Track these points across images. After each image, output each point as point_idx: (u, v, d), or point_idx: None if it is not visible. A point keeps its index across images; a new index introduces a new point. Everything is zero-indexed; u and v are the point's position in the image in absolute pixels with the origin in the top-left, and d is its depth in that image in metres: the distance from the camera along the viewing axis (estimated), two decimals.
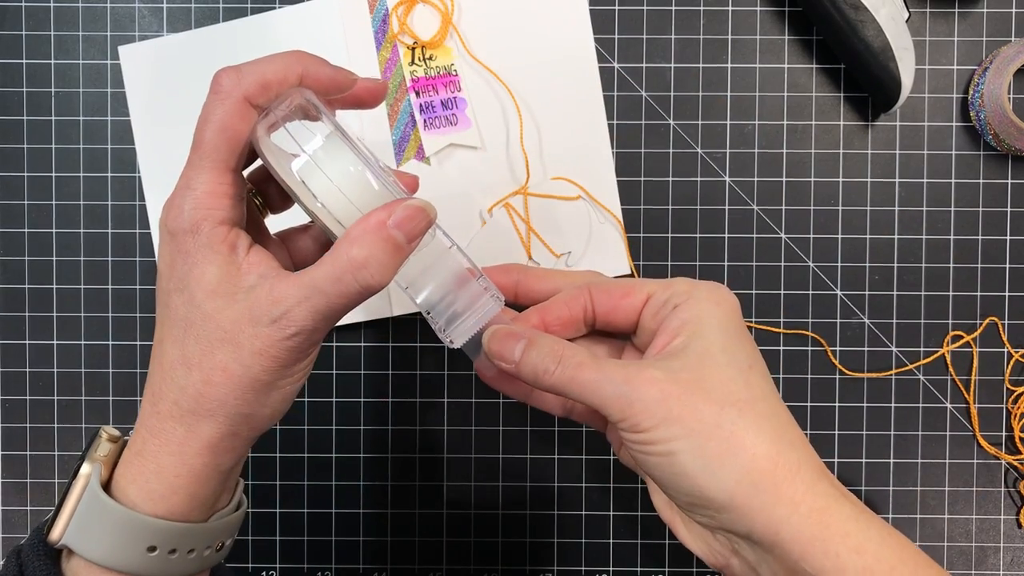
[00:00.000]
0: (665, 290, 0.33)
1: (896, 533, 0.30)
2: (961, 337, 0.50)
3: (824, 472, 0.31)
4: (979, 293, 0.50)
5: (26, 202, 0.51)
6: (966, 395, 0.50)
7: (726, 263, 0.50)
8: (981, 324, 0.50)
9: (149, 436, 0.31)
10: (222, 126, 0.31)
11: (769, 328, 0.50)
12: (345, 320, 0.50)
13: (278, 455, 0.51)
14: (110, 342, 0.51)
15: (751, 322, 0.50)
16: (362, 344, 0.51)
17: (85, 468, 0.31)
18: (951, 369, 0.50)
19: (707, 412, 0.30)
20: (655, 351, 0.33)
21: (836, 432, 0.50)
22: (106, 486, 0.31)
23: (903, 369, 0.50)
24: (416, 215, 0.30)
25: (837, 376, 0.50)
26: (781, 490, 0.30)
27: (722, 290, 0.33)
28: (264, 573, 0.51)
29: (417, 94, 0.50)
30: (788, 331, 0.50)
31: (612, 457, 0.50)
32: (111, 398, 0.51)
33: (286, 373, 0.31)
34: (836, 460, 0.50)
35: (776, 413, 0.31)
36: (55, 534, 0.30)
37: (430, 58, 0.50)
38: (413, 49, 0.50)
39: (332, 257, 0.29)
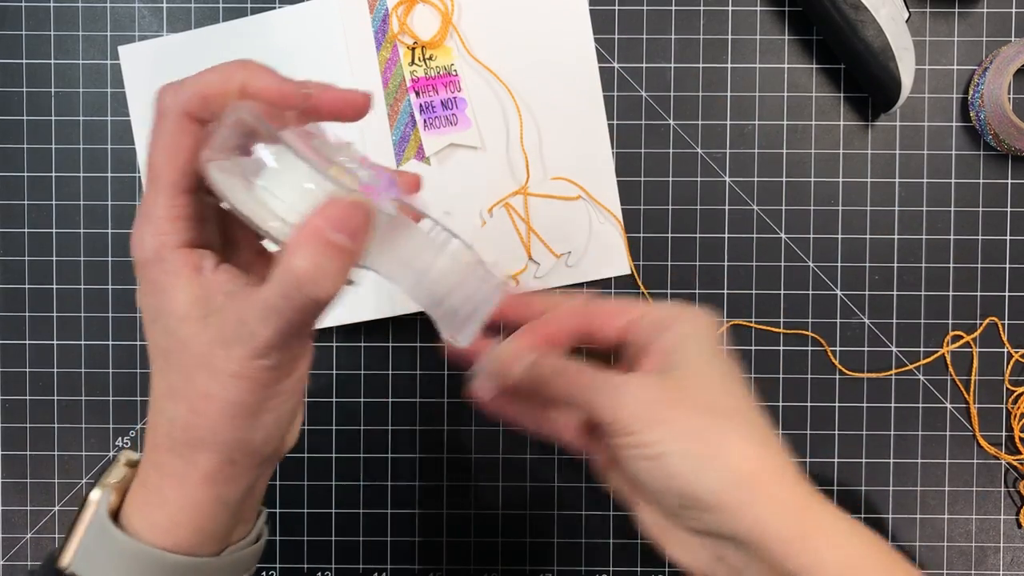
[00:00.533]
0: (650, 313, 0.35)
1: (867, 530, 0.32)
2: (961, 337, 0.50)
3: (801, 477, 0.32)
4: (979, 293, 0.50)
5: (26, 202, 0.51)
6: (966, 395, 0.50)
7: (726, 263, 0.50)
8: (981, 324, 0.50)
9: (151, 469, 0.30)
10: (166, 146, 0.29)
11: (769, 328, 0.50)
12: (345, 320, 0.50)
13: None
14: (110, 342, 0.51)
15: (751, 322, 0.50)
16: (362, 344, 0.51)
17: (94, 494, 0.30)
18: (951, 369, 0.50)
19: (694, 416, 0.31)
20: (645, 370, 0.34)
21: (836, 432, 0.50)
22: (117, 512, 0.30)
23: (903, 369, 0.50)
24: (349, 210, 0.28)
25: (837, 376, 0.50)
26: (767, 490, 0.30)
27: (703, 314, 0.35)
28: (264, 573, 0.51)
29: (417, 94, 0.50)
30: (788, 331, 0.50)
31: None
32: (111, 398, 0.51)
33: (271, 393, 0.30)
34: (836, 460, 0.50)
35: (758, 421, 0.33)
36: (64, 560, 0.29)
37: (430, 58, 0.50)
38: (413, 49, 0.50)
39: (278, 272, 0.28)
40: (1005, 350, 0.50)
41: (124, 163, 0.50)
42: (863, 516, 0.50)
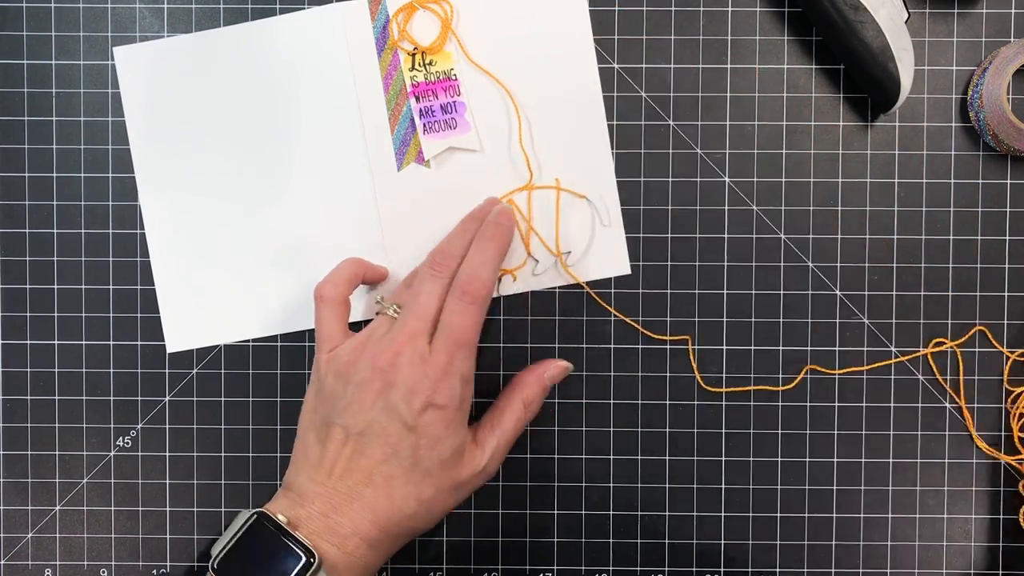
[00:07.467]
0: None
1: None
2: (957, 340, 0.50)
3: None
4: (978, 293, 0.50)
5: (27, 202, 0.51)
6: (956, 397, 0.50)
7: (726, 263, 0.50)
8: (977, 325, 0.50)
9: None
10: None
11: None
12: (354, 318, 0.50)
13: (279, 455, 0.51)
14: (111, 342, 0.51)
15: (751, 321, 0.50)
16: None
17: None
18: (935, 370, 0.50)
19: None
20: None
21: (835, 432, 0.50)
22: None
23: (902, 369, 0.50)
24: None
25: (836, 376, 0.50)
26: None
27: None
28: None
29: (417, 99, 0.50)
30: (786, 331, 0.50)
31: (612, 457, 0.51)
32: (112, 398, 0.51)
33: None
34: (835, 460, 0.50)
35: None
36: None
37: (430, 63, 0.50)
38: (413, 55, 0.50)
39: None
40: (1005, 350, 0.50)
41: (125, 163, 0.51)
42: (863, 516, 0.50)
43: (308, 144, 0.50)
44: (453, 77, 0.50)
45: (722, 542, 0.51)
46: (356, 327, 0.48)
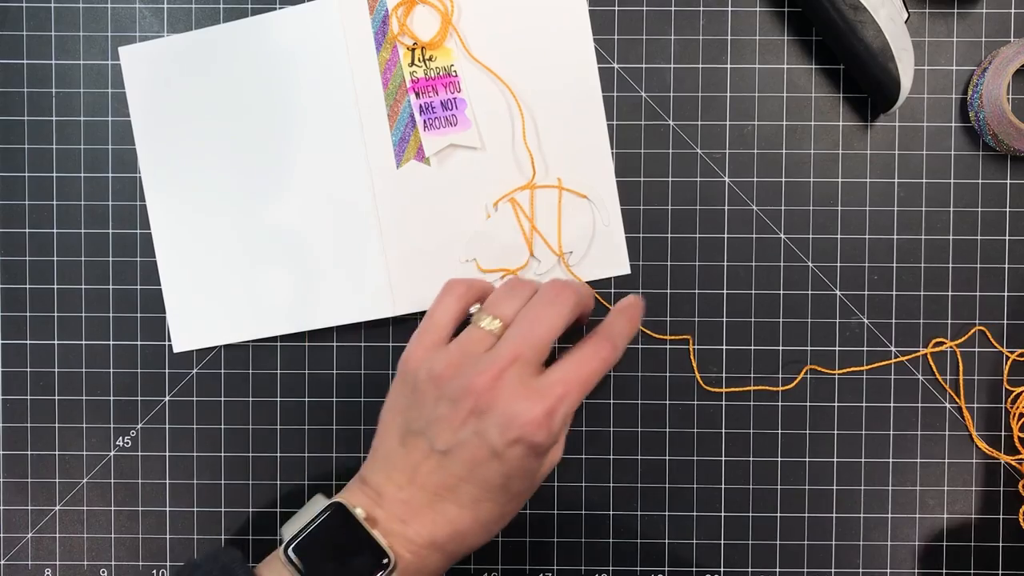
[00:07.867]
0: None
1: None
2: (957, 340, 0.50)
3: None
4: (978, 293, 0.50)
5: (27, 202, 0.51)
6: (956, 397, 0.50)
7: (726, 263, 0.50)
8: (976, 326, 0.50)
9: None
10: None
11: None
12: (345, 320, 0.50)
13: (279, 455, 0.51)
14: (111, 342, 0.51)
15: (751, 321, 0.50)
16: (362, 344, 0.51)
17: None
18: (935, 370, 0.50)
19: None
20: None
21: (835, 432, 0.50)
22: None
23: (902, 369, 0.50)
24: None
25: (836, 376, 0.50)
26: None
27: None
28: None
29: (417, 95, 0.50)
30: (786, 331, 0.50)
31: (612, 457, 0.51)
32: (111, 398, 0.51)
33: None
34: (835, 460, 0.50)
35: None
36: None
37: (430, 59, 0.50)
38: (413, 50, 0.50)
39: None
40: (1004, 350, 0.50)
41: (125, 163, 0.51)
42: (862, 516, 0.50)
43: (308, 141, 0.50)
44: (453, 73, 0.50)
45: (722, 542, 0.51)
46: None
